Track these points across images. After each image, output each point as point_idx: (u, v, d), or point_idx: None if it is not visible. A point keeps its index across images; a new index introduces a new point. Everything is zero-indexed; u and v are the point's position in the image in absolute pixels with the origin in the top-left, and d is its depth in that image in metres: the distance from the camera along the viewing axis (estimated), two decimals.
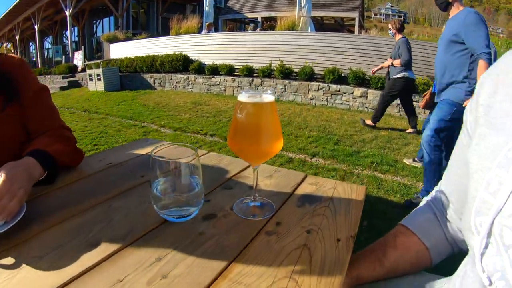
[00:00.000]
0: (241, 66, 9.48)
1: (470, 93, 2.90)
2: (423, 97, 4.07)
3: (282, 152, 4.62)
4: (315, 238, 0.68)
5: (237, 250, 0.65)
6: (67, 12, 18.18)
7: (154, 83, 11.54)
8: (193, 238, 0.69)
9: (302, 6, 11.18)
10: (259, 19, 17.82)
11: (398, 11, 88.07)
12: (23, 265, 0.64)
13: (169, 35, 13.44)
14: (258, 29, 14.28)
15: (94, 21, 23.32)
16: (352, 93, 7.78)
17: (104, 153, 1.38)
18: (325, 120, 6.57)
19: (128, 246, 0.68)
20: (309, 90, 8.33)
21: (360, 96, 7.73)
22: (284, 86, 8.71)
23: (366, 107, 7.64)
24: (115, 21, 20.38)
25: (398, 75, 5.49)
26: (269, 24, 15.46)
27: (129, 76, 12.35)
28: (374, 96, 7.50)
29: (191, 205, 0.76)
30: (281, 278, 0.56)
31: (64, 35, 25.64)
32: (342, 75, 8.20)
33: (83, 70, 14.92)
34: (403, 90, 5.56)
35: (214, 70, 10.05)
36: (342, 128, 5.94)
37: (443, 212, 0.78)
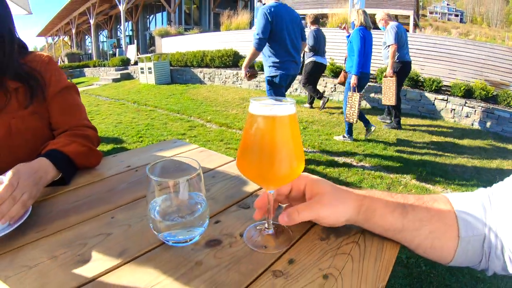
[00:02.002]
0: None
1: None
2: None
3: (325, 155, 4.47)
4: (332, 286, 0.56)
5: None
6: (121, 7, 18.86)
7: (204, 78, 11.69)
8: (189, 268, 0.60)
9: (354, 2, 10.88)
10: (308, 16, 17.57)
11: (454, 10, 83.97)
12: (9, 275, 0.61)
13: (220, 30, 13.57)
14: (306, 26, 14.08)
15: (147, 16, 24.09)
16: (405, 95, 7.45)
17: (127, 154, 1.33)
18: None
19: (118, 268, 0.61)
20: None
21: (413, 99, 7.39)
22: (335, 85, 8.52)
23: (419, 111, 7.30)
24: (168, 16, 20.92)
25: (308, 60, 6.40)
26: (320, 21, 15.22)
27: (179, 70, 12.63)
28: (428, 100, 7.14)
29: (194, 226, 0.66)
30: None
31: (119, 29, 26.70)
32: None
33: (136, 63, 15.42)
34: (314, 72, 6.33)
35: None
36: (392, 133, 5.67)
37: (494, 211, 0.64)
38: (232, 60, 10.93)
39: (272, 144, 0.60)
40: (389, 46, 5.66)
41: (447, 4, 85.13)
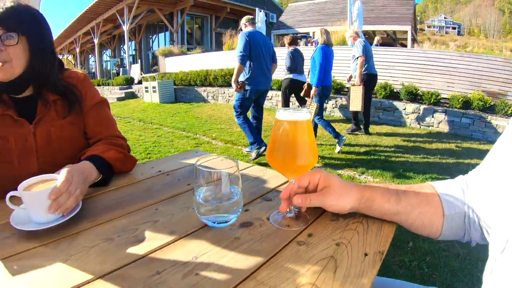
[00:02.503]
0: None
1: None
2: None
3: (330, 169, 4.62)
4: (343, 250, 0.71)
5: (268, 256, 0.70)
6: (125, 27, 19.19)
7: (208, 97, 11.87)
8: (229, 242, 0.75)
9: (353, 20, 11.14)
10: (311, 34, 17.88)
11: (452, 23, 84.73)
12: (73, 254, 0.73)
13: (223, 50, 13.80)
14: (309, 44, 14.37)
15: (150, 36, 24.44)
16: (404, 109, 7.60)
17: (156, 161, 1.49)
18: (376, 136, 6.48)
19: (169, 245, 0.75)
20: None
21: (412, 112, 7.53)
22: (336, 101, 8.68)
23: (419, 124, 7.43)
24: (171, 36, 21.25)
25: (285, 77, 6.73)
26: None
27: (183, 89, 12.82)
28: (427, 112, 7.30)
29: (230, 212, 0.82)
30: (304, 284, 0.60)
31: (122, 49, 27.08)
32: (394, 90, 8.08)
33: (140, 82, 15.65)
34: (290, 88, 6.53)
35: None
36: (393, 143, 5.83)
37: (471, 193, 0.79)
38: None
39: (294, 141, 0.78)
40: (357, 58, 6.21)
41: (444, 18, 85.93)
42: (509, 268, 0.51)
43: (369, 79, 6.40)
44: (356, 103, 6.18)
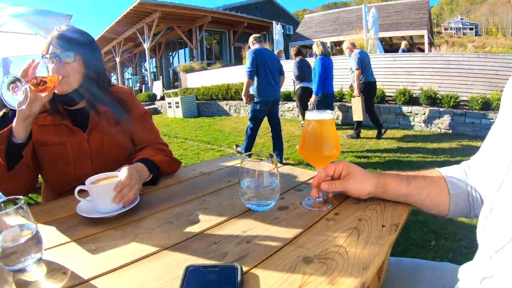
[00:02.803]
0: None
1: None
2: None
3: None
4: (365, 224, 0.87)
5: (303, 228, 0.86)
6: (145, 45, 19.63)
7: (230, 110, 12.11)
8: (270, 220, 0.92)
9: (369, 28, 11.24)
10: (328, 44, 18.05)
11: (469, 23, 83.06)
12: (139, 233, 0.91)
13: (242, 64, 14.06)
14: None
15: (170, 53, 24.94)
16: (424, 113, 7.62)
17: (196, 165, 1.69)
18: (397, 141, 6.55)
19: (221, 224, 0.93)
20: (380, 113, 8.29)
21: (432, 116, 7.55)
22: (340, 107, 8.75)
23: (439, 127, 7.43)
24: (190, 52, 21.68)
25: (297, 87, 7.50)
26: (338, 48, 15.58)
27: (205, 104, 13.10)
28: (447, 116, 7.29)
29: (270, 198, 0.99)
30: (334, 246, 0.76)
31: (143, 66, 27.69)
32: (413, 95, 8.10)
33: (162, 98, 15.99)
34: (303, 95, 7.20)
35: (287, 97, 10.31)
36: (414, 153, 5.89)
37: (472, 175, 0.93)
38: None
39: (320, 136, 0.97)
40: (354, 71, 6.51)
41: (461, 19, 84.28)
42: (496, 222, 0.67)
43: (367, 87, 6.60)
44: (357, 114, 6.49)
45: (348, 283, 0.62)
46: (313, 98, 6.13)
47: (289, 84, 9.61)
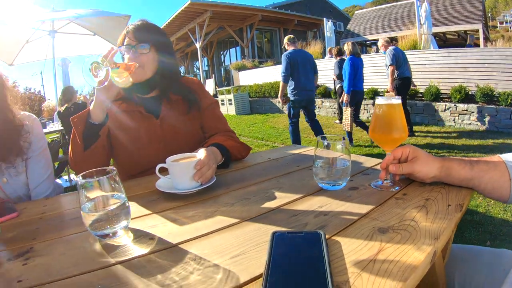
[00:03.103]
0: (366, 89, 9.43)
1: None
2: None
3: None
4: (432, 203, 0.92)
5: (375, 205, 0.93)
6: (197, 45, 19.95)
7: (283, 108, 12.16)
8: (343, 198, 1.00)
9: (422, 23, 10.84)
10: (380, 41, 17.53)
11: None
12: (219, 207, 1.01)
13: None
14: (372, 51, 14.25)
15: (221, 52, 25.32)
16: (481, 111, 7.31)
17: (262, 152, 1.79)
18: (454, 140, 6.35)
19: (297, 200, 1.02)
20: (435, 110, 8.06)
21: (488, 115, 7.23)
22: (411, 107, 8.49)
23: (496, 126, 7.10)
24: (241, 51, 21.89)
25: (337, 86, 7.88)
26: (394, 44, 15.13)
27: (258, 101, 13.26)
28: (504, 114, 6.95)
29: (342, 178, 1.07)
30: (406, 219, 0.83)
31: (195, 65, 28.29)
32: (469, 93, 7.78)
33: (215, 95, 16.35)
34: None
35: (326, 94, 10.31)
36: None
37: None
38: None
39: (390, 119, 1.04)
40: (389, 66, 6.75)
41: None
42: None
43: (402, 83, 6.85)
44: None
45: (422, 248, 0.69)
46: (345, 97, 6.40)
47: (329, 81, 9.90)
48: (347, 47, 6.50)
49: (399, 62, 6.71)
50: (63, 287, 0.68)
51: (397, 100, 1.04)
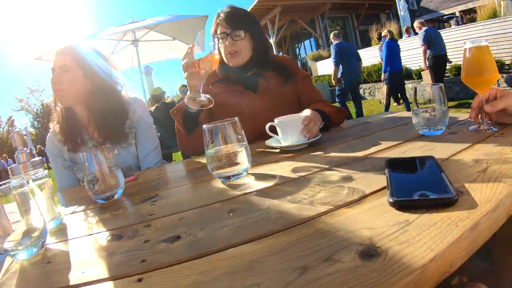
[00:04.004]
0: (449, 66, 8.95)
1: None
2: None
3: None
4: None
5: (475, 142, 1.01)
6: (271, 40, 20.00)
7: (364, 93, 12.08)
8: (444, 139, 1.09)
9: None
10: (457, 14, 16.29)
11: None
12: (329, 155, 1.10)
13: (371, 46, 13.66)
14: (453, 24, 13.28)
15: (296, 45, 25.23)
16: None
17: (351, 120, 1.94)
18: None
19: (400, 144, 1.12)
20: (498, 85, 7.41)
21: None
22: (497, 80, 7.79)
23: None
24: (316, 41, 21.61)
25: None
26: (469, 17, 14.00)
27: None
28: None
29: (440, 123, 1.15)
30: (510, 151, 0.88)
31: None
32: None
33: None
34: (392, 78, 8.04)
35: (420, 74, 9.91)
36: None
37: None
38: None
39: (480, 61, 1.11)
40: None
41: None
42: None
43: (436, 61, 7.60)
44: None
45: None
46: (382, 76, 7.98)
47: None
48: (386, 33, 7.94)
49: (431, 41, 7.54)
50: (195, 214, 0.81)
51: (485, 42, 1.10)
